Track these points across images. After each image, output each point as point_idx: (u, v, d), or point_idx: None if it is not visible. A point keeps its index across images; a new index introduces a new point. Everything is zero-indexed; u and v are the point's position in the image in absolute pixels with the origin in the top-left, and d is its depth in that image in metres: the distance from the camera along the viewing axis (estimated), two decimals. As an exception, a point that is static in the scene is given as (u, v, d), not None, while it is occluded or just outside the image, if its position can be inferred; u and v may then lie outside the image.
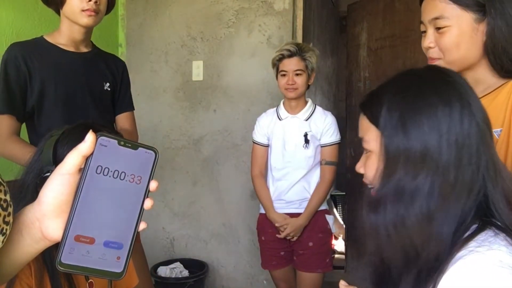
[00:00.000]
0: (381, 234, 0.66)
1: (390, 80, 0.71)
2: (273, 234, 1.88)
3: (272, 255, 1.90)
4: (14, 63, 1.34)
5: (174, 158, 2.66)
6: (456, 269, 0.58)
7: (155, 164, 0.50)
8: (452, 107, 0.63)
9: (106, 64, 1.57)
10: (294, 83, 1.78)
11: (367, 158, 0.73)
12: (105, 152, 0.47)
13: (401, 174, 0.63)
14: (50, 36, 1.45)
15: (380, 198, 0.66)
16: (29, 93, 1.37)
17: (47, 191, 0.47)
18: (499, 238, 0.59)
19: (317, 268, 1.83)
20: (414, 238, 0.63)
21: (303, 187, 1.86)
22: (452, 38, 0.94)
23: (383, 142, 0.66)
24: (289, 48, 1.79)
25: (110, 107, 1.59)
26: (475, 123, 0.63)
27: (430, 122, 0.63)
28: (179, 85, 2.63)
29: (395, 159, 0.64)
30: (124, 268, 0.49)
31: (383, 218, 0.65)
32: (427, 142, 0.62)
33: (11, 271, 0.49)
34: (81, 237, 0.46)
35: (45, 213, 0.46)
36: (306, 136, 1.83)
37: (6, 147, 1.35)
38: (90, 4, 1.35)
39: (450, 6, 0.93)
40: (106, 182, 0.47)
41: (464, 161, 0.62)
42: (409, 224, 0.63)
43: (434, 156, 0.62)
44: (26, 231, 0.47)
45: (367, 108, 0.72)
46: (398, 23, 2.57)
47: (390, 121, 0.65)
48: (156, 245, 2.67)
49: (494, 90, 0.95)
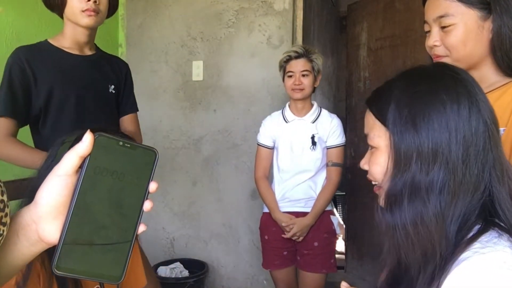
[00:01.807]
0: (399, 233, 0.64)
1: (398, 77, 0.71)
2: (277, 233, 1.87)
3: (275, 255, 1.89)
4: (19, 67, 1.35)
5: (174, 158, 2.65)
6: (460, 270, 0.58)
7: (154, 165, 0.49)
8: (461, 104, 0.63)
9: (111, 67, 1.57)
10: (300, 83, 1.80)
11: (372, 154, 0.72)
12: (104, 153, 0.46)
13: (415, 170, 0.63)
14: (54, 39, 1.46)
15: (395, 196, 0.65)
16: (35, 97, 1.37)
17: (43, 192, 0.45)
18: (503, 239, 0.59)
19: (321, 268, 1.83)
20: (433, 235, 0.62)
21: (309, 186, 1.87)
22: (458, 36, 0.94)
23: (393, 139, 0.66)
24: (296, 50, 1.82)
25: (115, 109, 1.59)
26: (483, 121, 0.63)
27: (439, 119, 0.62)
28: (179, 85, 2.63)
29: (407, 156, 0.64)
30: (123, 271, 0.48)
31: (400, 215, 0.64)
32: (437, 139, 0.62)
33: (9, 274, 0.48)
34: (79, 239, 0.45)
35: (42, 215, 0.45)
36: (313, 138, 1.84)
37: (2, 148, 1.35)
38: (89, 4, 1.35)
39: (454, 4, 0.93)
40: (104, 183, 0.46)
41: (471, 159, 0.62)
42: (427, 220, 0.62)
43: (444, 152, 0.62)
44: (23, 233, 0.46)
45: (373, 104, 0.72)
46: (398, 23, 2.57)
47: (400, 118, 0.65)
48: (156, 245, 2.67)
49: (498, 87, 0.95)
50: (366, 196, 2.56)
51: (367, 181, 0.75)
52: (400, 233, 0.64)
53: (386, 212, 0.66)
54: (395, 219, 0.65)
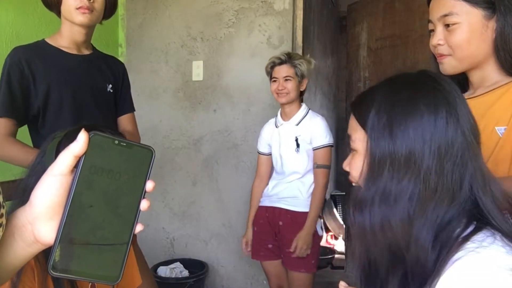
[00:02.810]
0: (367, 234, 0.67)
1: (382, 83, 0.72)
2: (263, 225, 1.96)
3: (261, 246, 1.96)
4: (18, 67, 1.35)
5: (174, 158, 2.65)
6: (454, 270, 0.58)
7: (151, 163, 0.48)
8: (438, 115, 0.63)
9: (108, 66, 1.58)
10: (283, 88, 1.87)
11: (353, 157, 0.74)
12: (99, 152, 0.45)
13: (387, 177, 0.64)
14: (51, 39, 1.46)
15: (366, 199, 0.67)
16: (33, 96, 1.37)
17: (38, 193, 0.45)
18: (496, 239, 0.59)
19: (300, 268, 1.86)
20: (399, 239, 0.64)
21: (296, 187, 1.92)
22: (462, 35, 0.94)
23: (369, 144, 0.67)
24: (279, 57, 1.91)
25: (113, 108, 1.60)
26: (461, 132, 0.64)
27: (415, 128, 0.63)
28: (179, 85, 2.63)
29: (381, 162, 0.65)
30: (120, 271, 0.47)
31: (369, 218, 0.66)
32: (411, 147, 0.63)
33: (5, 275, 0.47)
34: (75, 240, 0.45)
35: (37, 216, 0.45)
36: (297, 141, 1.89)
37: (1, 148, 1.35)
38: (83, 2, 1.36)
39: (459, 3, 0.94)
40: (100, 182, 0.46)
41: (447, 169, 0.62)
42: (394, 225, 0.64)
43: (417, 161, 0.63)
44: (19, 234, 0.46)
45: (356, 108, 0.73)
46: (398, 23, 2.57)
47: (378, 124, 0.66)
48: (156, 245, 2.66)
49: (500, 86, 0.95)
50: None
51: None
52: (369, 235, 0.67)
53: (357, 215, 0.68)
54: (365, 221, 0.67)
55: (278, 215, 1.92)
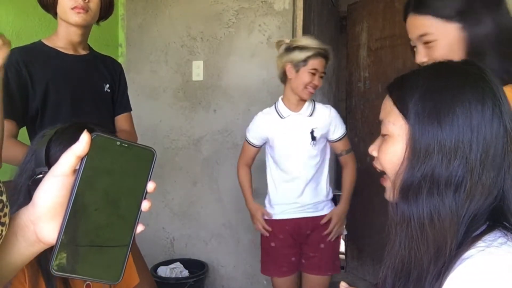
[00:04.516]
0: (413, 225, 0.63)
1: (426, 68, 0.69)
2: (284, 239, 1.81)
3: (284, 261, 1.82)
4: (15, 68, 1.35)
5: (174, 158, 2.65)
6: (464, 268, 0.57)
7: (152, 164, 0.49)
8: (485, 105, 0.61)
9: (105, 66, 1.59)
10: (319, 84, 1.73)
11: (384, 141, 0.70)
12: (101, 153, 0.46)
13: (436, 162, 0.61)
14: (48, 40, 1.47)
15: (413, 186, 0.63)
16: (31, 97, 1.38)
17: (41, 193, 0.45)
18: (508, 239, 0.58)
19: (327, 270, 1.80)
20: (447, 232, 0.60)
21: (314, 189, 1.81)
22: (443, 51, 0.95)
23: (413, 130, 0.64)
24: (325, 48, 1.72)
25: (110, 108, 1.61)
26: (503, 125, 0.62)
27: (463, 117, 0.61)
28: (179, 85, 2.63)
29: (428, 149, 0.62)
30: (121, 271, 0.47)
31: (417, 208, 0.62)
32: (460, 136, 0.61)
33: (7, 274, 0.48)
34: (76, 240, 0.45)
35: (40, 216, 0.45)
36: (313, 133, 1.76)
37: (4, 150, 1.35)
38: (78, 2, 1.36)
39: (432, 21, 0.95)
40: (102, 183, 0.46)
41: (489, 161, 0.61)
42: (444, 216, 0.60)
43: (465, 150, 0.60)
44: (21, 234, 0.46)
45: (395, 91, 0.70)
46: (398, 23, 2.57)
47: (423, 110, 0.63)
48: (156, 245, 2.67)
49: None
50: (366, 196, 2.56)
51: (367, 182, 0.75)
52: (415, 225, 0.62)
53: (402, 203, 0.64)
54: (411, 210, 0.63)
55: (305, 225, 1.79)
